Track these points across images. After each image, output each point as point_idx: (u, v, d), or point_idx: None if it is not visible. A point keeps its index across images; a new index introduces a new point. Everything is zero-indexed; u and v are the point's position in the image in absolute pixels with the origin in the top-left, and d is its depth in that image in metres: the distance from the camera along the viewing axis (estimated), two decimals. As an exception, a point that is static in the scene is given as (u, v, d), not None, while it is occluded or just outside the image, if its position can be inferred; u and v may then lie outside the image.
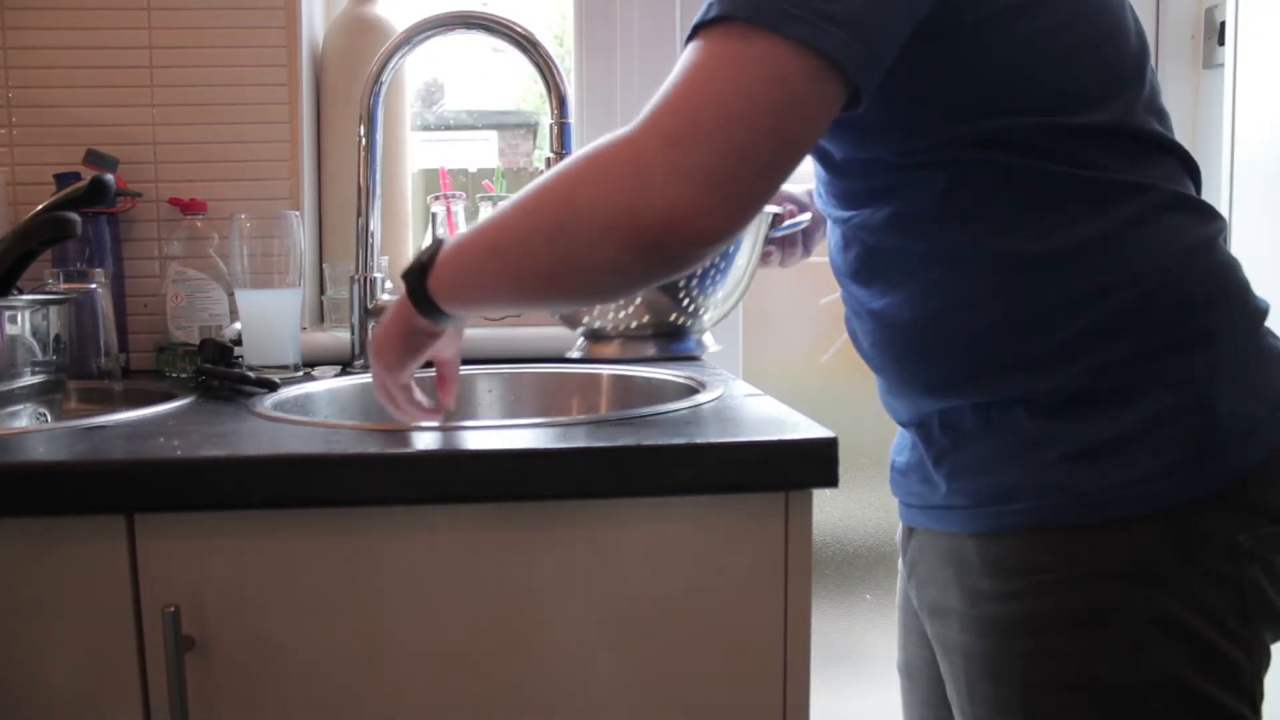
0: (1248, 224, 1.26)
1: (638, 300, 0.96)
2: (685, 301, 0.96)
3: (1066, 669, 0.75)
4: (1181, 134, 1.48)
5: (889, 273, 0.82)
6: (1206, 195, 0.82)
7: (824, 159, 0.84)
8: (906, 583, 0.93)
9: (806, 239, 1.10)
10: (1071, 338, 0.75)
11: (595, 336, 1.01)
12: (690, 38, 0.67)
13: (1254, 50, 1.26)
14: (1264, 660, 0.76)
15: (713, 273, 0.96)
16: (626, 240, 0.66)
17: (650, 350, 1.00)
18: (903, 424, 0.89)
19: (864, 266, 0.84)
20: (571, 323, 1.02)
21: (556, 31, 1.61)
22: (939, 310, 0.79)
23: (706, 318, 1.01)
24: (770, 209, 1.04)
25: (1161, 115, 0.81)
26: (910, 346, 0.82)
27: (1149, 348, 0.74)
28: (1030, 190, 0.75)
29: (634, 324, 0.98)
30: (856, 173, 0.81)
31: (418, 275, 0.77)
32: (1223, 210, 1.27)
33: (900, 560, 0.94)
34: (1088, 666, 0.74)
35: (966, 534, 0.80)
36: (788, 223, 1.05)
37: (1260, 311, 0.79)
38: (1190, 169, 0.81)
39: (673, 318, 0.98)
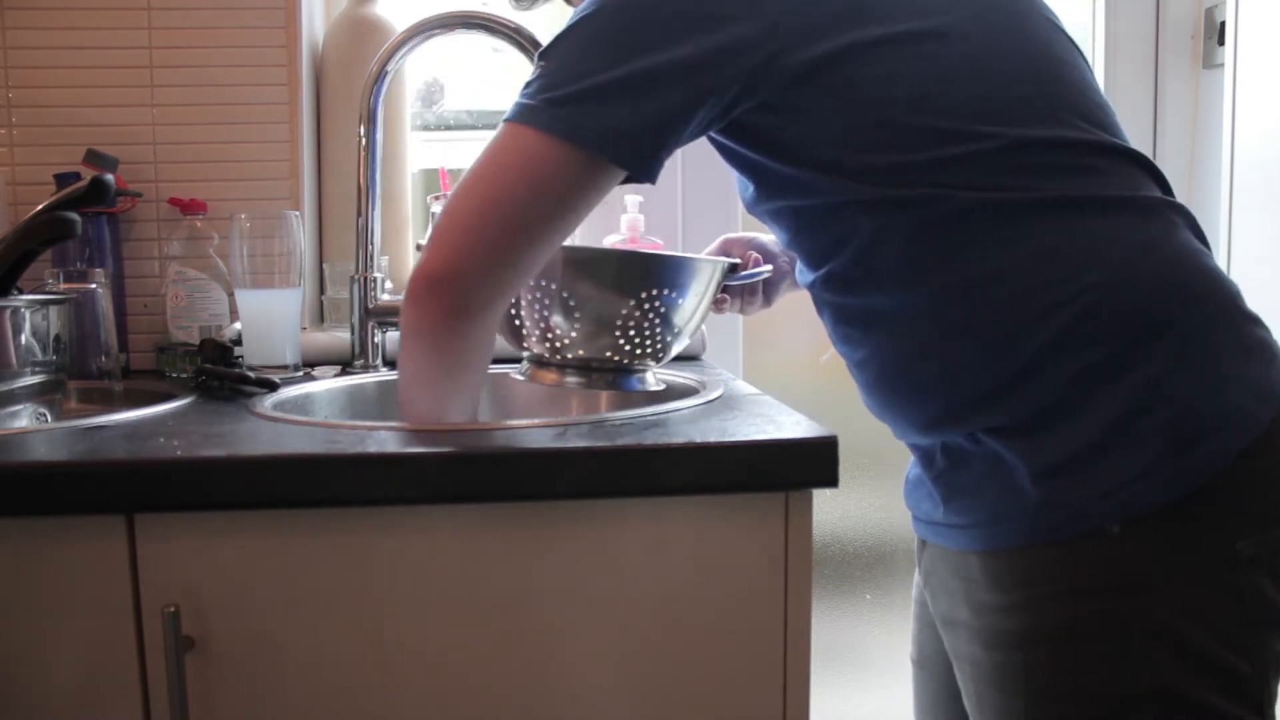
0: (1248, 224, 1.26)
1: (575, 333, 0.94)
2: (623, 342, 0.95)
3: (1065, 680, 0.75)
4: (1181, 134, 1.49)
5: (853, 330, 0.86)
6: (1206, 196, 0.82)
7: (784, 228, 0.88)
8: (923, 588, 0.94)
9: (769, 289, 1.10)
10: (1023, 362, 0.76)
11: (538, 362, 0.99)
12: None
13: (1254, 50, 1.27)
14: (1273, 666, 0.75)
15: (651, 316, 0.94)
16: (407, 300, 0.81)
17: (588, 382, 0.98)
18: (902, 441, 0.91)
19: (835, 327, 0.89)
20: (516, 347, 1.02)
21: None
22: (899, 360, 0.82)
23: (648, 359, 0.99)
24: (727, 259, 1.03)
25: (1095, 114, 0.81)
26: (892, 395, 0.85)
27: (1101, 356, 0.74)
28: (944, 227, 0.77)
29: (570, 355, 0.96)
30: (803, 234, 0.86)
31: None
32: (1222, 210, 1.27)
33: (917, 565, 0.96)
34: (1085, 677, 0.74)
35: (968, 550, 0.82)
36: (745, 272, 1.04)
37: (1231, 298, 0.78)
38: (1139, 162, 0.81)
39: (609, 355, 0.96)
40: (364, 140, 1.21)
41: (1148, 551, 0.73)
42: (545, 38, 1.17)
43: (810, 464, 0.77)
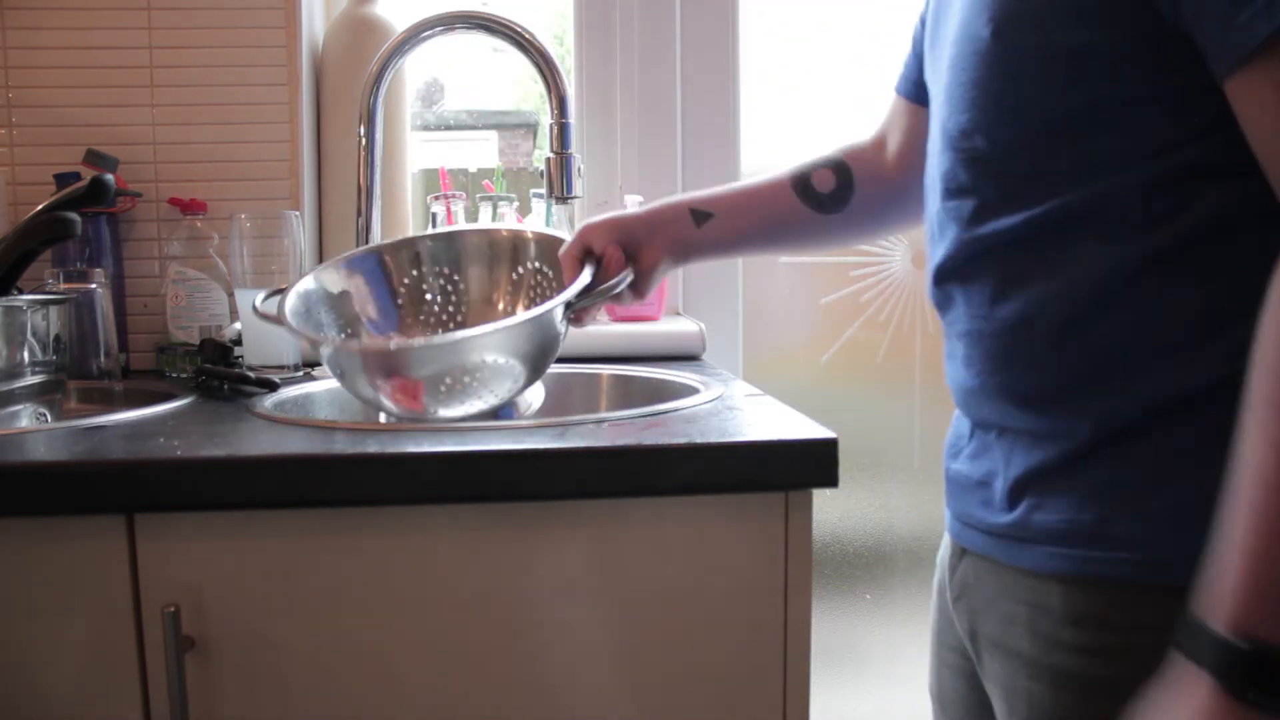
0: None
1: (435, 406, 0.89)
2: (484, 403, 0.90)
3: None
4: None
5: (1048, 236, 0.70)
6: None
7: (1080, 111, 0.68)
8: (953, 606, 0.82)
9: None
10: (1231, 373, 0.63)
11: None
12: (1240, 62, 0.60)
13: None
14: None
15: (513, 379, 0.89)
16: None
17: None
18: (978, 424, 0.78)
19: (1024, 225, 0.71)
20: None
21: (556, 31, 1.61)
22: (1094, 314, 0.69)
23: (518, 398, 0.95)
24: (571, 294, 0.91)
25: None
26: (1037, 351, 0.71)
27: None
28: (1267, 218, 0.64)
29: (434, 420, 0.91)
30: (1100, 117, 0.67)
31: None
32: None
33: (945, 580, 0.84)
34: None
35: (1047, 573, 0.71)
36: (603, 286, 0.94)
37: None
38: None
39: (476, 413, 0.91)
40: (364, 140, 1.21)
41: None
42: (546, 38, 1.17)
43: (810, 464, 0.77)
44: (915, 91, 0.92)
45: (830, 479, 0.77)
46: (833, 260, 1.51)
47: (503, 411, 0.95)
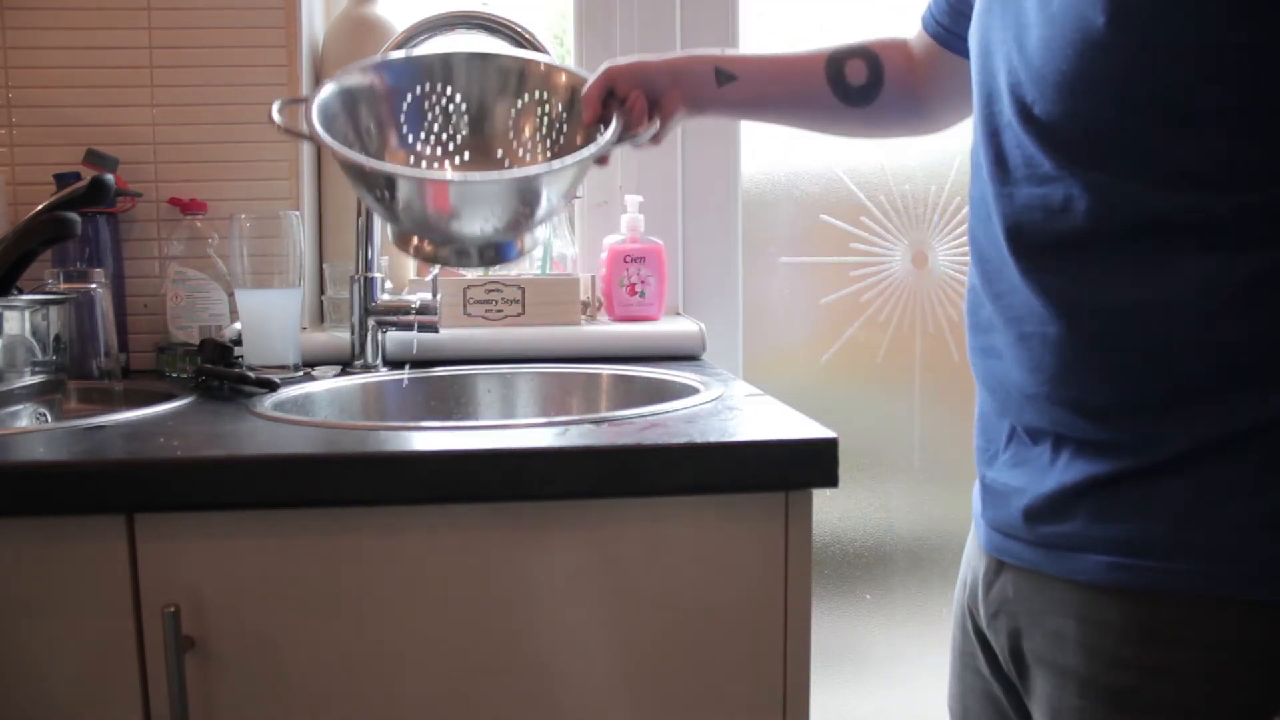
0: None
1: (468, 251, 0.95)
2: (496, 234, 0.94)
3: None
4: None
5: (1139, 268, 0.65)
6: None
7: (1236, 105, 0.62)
8: (988, 624, 0.77)
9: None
10: None
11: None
12: None
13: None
14: None
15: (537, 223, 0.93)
16: None
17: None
18: (1025, 430, 0.73)
19: (1121, 233, 0.65)
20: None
21: (556, 31, 1.61)
22: (1201, 327, 0.64)
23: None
24: (598, 149, 0.91)
25: None
26: (1130, 363, 0.65)
27: None
28: None
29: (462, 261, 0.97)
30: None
31: None
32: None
33: (974, 598, 0.79)
34: None
35: (1105, 585, 0.66)
36: (631, 136, 0.95)
37: None
38: None
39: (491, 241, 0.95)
40: (364, 140, 1.21)
41: None
42: (546, 38, 1.17)
43: (810, 464, 0.77)
44: (946, 38, 0.92)
45: (830, 479, 0.77)
46: (833, 260, 1.51)
47: (506, 246, 0.96)
